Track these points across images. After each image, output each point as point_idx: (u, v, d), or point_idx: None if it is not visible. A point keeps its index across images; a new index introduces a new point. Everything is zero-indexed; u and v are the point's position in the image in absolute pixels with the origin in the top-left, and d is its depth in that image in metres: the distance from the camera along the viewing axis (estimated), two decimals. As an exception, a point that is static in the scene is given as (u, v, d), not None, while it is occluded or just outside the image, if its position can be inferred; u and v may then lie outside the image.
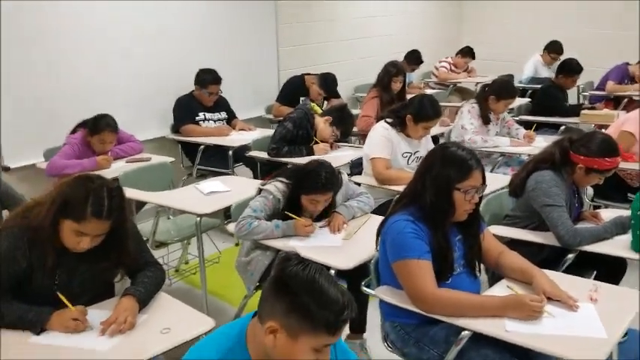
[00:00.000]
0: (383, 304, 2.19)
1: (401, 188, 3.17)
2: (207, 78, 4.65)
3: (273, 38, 5.76)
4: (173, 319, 1.93)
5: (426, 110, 3.43)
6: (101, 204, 1.84)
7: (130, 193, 3.29)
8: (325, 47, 6.38)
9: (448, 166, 2.05)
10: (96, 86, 4.38)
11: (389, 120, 3.52)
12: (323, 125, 4.10)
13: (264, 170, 4.23)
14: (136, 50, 4.62)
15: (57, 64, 4.16)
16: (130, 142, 4.12)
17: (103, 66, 4.43)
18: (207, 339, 1.49)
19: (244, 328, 1.45)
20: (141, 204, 3.68)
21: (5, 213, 2.95)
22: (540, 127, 4.86)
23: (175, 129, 4.72)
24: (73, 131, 3.92)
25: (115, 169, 3.71)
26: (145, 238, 3.18)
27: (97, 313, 1.93)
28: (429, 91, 6.36)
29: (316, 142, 4.15)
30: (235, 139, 4.57)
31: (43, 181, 3.79)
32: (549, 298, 1.97)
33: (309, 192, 2.60)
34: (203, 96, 4.70)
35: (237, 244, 4.35)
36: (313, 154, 3.97)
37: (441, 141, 4.44)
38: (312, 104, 4.26)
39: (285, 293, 1.35)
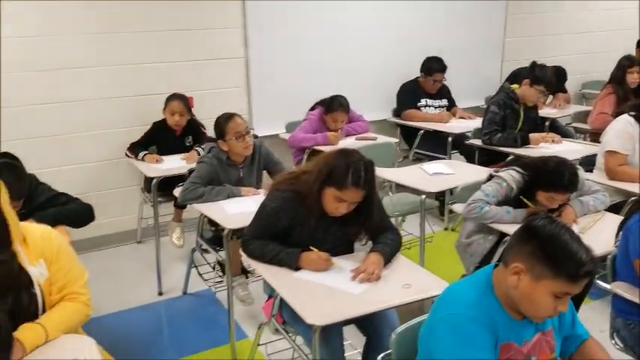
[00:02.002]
0: (617, 300, 2.17)
1: (635, 188, 3.06)
2: (434, 66, 4.82)
3: (500, 28, 5.72)
4: (411, 278, 2.14)
5: None
6: (359, 175, 2.12)
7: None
8: (553, 40, 6.13)
9: None
10: (332, 70, 4.82)
11: (632, 113, 3.33)
12: (526, 91, 4.11)
13: (482, 159, 4.28)
14: (367, 40, 4.97)
15: (299, 53, 4.68)
16: (359, 122, 4.47)
17: (338, 53, 4.85)
18: (460, 283, 1.66)
19: (490, 277, 1.60)
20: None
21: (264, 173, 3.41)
22: None
23: (397, 113, 4.99)
24: (312, 108, 4.39)
25: (345, 145, 4.05)
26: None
27: (345, 263, 2.22)
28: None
29: (531, 127, 4.07)
30: (455, 126, 4.69)
31: (283, 149, 4.32)
32: None
33: (549, 190, 2.57)
34: (427, 83, 4.89)
35: (445, 229, 4.49)
36: (528, 144, 3.95)
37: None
38: (513, 85, 4.22)
39: (532, 239, 1.49)
